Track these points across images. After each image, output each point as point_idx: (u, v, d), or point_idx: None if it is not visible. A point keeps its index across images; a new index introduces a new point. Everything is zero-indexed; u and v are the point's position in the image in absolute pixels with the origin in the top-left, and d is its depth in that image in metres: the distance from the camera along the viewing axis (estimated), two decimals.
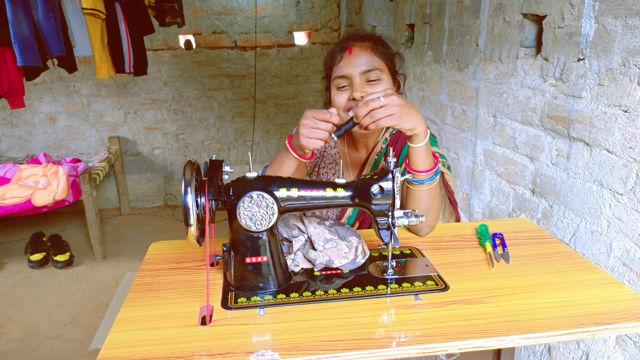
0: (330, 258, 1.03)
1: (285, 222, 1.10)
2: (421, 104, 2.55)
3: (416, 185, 1.11)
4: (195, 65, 3.94)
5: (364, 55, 1.19)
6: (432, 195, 1.14)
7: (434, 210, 1.17)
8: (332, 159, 1.37)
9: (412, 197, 1.14)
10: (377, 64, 1.20)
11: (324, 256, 1.03)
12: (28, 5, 2.12)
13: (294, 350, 0.79)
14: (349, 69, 1.19)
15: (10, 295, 2.79)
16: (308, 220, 1.09)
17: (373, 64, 1.19)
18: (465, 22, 1.99)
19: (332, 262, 1.03)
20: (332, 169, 1.36)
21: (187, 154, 4.17)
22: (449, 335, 0.82)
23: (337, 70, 1.21)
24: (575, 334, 0.83)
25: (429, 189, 1.12)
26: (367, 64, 1.19)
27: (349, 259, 1.04)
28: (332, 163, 1.37)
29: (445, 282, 0.99)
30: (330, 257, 1.03)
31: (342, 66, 1.20)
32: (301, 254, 1.06)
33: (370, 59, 1.20)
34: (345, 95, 1.21)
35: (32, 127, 3.86)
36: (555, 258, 1.09)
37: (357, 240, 1.06)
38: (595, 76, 1.28)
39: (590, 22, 1.29)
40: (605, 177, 1.27)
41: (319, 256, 1.03)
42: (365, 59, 1.19)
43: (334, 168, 1.36)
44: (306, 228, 1.07)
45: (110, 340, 0.82)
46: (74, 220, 3.90)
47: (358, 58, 1.19)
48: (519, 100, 1.64)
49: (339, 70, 1.20)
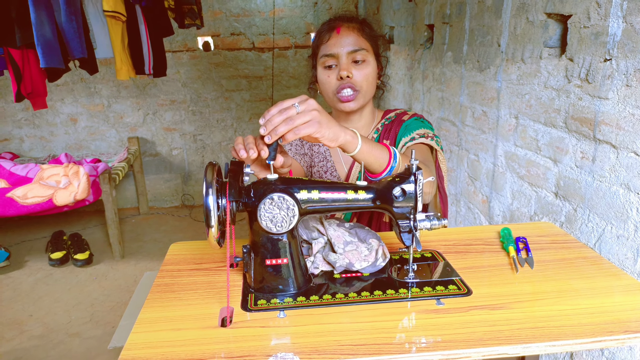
0: (351, 261, 1.02)
1: (305, 224, 1.09)
2: (440, 105, 2.52)
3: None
4: (214, 66, 3.97)
5: (352, 35, 1.22)
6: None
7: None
8: (322, 156, 1.37)
9: None
10: (363, 44, 1.23)
11: (344, 259, 1.02)
12: (51, 8, 2.15)
13: (314, 354, 0.78)
14: (336, 48, 1.21)
15: (31, 292, 2.84)
16: (328, 223, 1.08)
17: (360, 44, 1.22)
18: (487, 22, 1.96)
19: (352, 265, 1.02)
20: (324, 166, 1.36)
21: (204, 154, 4.19)
22: (473, 342, 0.80)
23: (325, 49, 1.23)
24: (604, 342, 0.81)
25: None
26: (354, 44, 1.21)
27: (369, 262, 1.03)
28: (322, 161, 1.37)
29: (468, 286, 0.97)
30: (350, 259, 1.02)
31: (329, 45, 1.22)
32: (321, 256, 1.06)
33: (357, 39, 1.22)
34: (333, 76, 1.23)
35: (54, 127, 3.92)
36: (580, 263, 1.07)
37: (377, 243, 1.05)
38: (623, 77, 1.25)
39: (618, 21, 1.26)
40: (633, 180, 1.24)
41: (339, 259, 1.03)
42: (352, 39, 1.22)
43: (326, 165, 1.36)
44: (326, 230, 1.07)
45: (132, 341, 0.82)
46: (94, 219, 3.96)
47: (346, 38, 1.21)
48: (542, 102, 1.61)
49: (326, 49, 1.23)
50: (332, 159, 1.35)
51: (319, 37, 1.26)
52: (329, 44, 1.23)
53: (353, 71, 1.22)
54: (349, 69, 1.21)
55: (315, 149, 1.38)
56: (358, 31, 1.24)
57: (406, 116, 1.35)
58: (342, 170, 1.36)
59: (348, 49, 1.21)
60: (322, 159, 1.37)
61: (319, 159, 1.37)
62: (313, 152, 1.38)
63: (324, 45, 1.24)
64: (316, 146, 1.38)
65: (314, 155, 1.38)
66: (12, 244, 3.48)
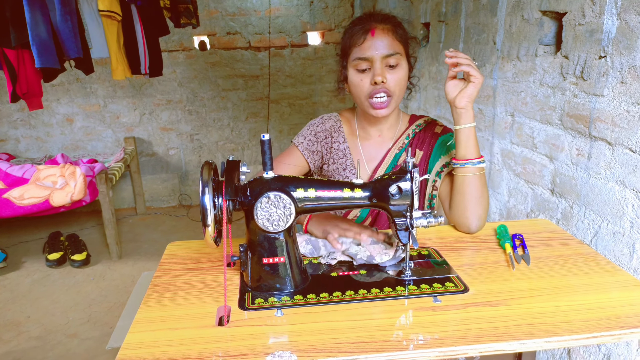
0: (372, 254, 1.05)
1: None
2: (437, 103, 2.53)
3: (468, 171, 1.15)
4: (210, 66, 3.96)
5: (386, 38, 1.18)
6: (483, 182, 1.17)
7: (484, 198, 1.17)
8: (342, 154, 1.34)
9: (464, 185, 1.16)
10: (397, 47, 1.20)
11: (365, 251, 1.06)
12: (46, 8, 2.14)
13: (312, 352, 0.78)
14: (371, 52, 1.18)
15: (28, 293, 2.83)
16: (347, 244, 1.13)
17: (394, 48, 1.19)
18: (482, 20, 1.97)
19: (372, 257, 1.05)
20: (343, 163, 1.34)
21: (201, 154, 4.19)
22: (469, 338, 0.80)
23: (358, 52, 1.19)
24: (600, 338, 0.81)
25: (479, 174, 1.16)
26: (388, 48, 1.18)
27: (389, 256, 1.05)
28: (342, 158, 1.34)
29: (465, 283, 0.97)
30: (371, 252, 1.05)
31: (364, 48, 1.18)
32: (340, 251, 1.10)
33: (392, 43, 1.19)
34: (366, 80, 1.20)
35: (50, 128, 3.91)
36: (576, 259, 1.07)
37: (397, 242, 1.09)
38: (618, 74, 1.25)
39: (613, 18, 1.26)
40: (628, 176, 1.25)
41: (360, 251, 1.06)
42: (387, 42, 1.18)
43: (345, 163, 1.33)
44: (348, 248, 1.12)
45: (129, 341, 0.82)
46: (91, 220, 3.95)
47: (380, 41, 1.18)
48: (538, 99, 1.61)
49: (360, 52, 1.19)
50: (351, 157, 1.33)
51: (352, 38, 1.21)
52: (363, 47, 1.18)
53: (387, 76, 1.18)
54: (383, 74, 1.18)
55: (336, 146, 1.34)
56: (392, 33, 1.20)
57: (438, 128, 1.32)
58: (363, 169, 1.33)
59: (382, 53, 1.17)
60: (341, 156, 1.34)
61: (338, 156, 1.34)
62: (331, 149, 1.34)
63: (357, 48, 1.20)
64: (336, 143, 1.34)
65: (332, 152, 1.34)
66: (9, 245, 3.47)
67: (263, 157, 0.93)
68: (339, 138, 1.35)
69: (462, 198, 1.17)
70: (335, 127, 1.36)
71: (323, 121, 1.37)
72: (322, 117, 1.39)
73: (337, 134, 1.35)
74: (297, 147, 1.35)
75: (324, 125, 1.36)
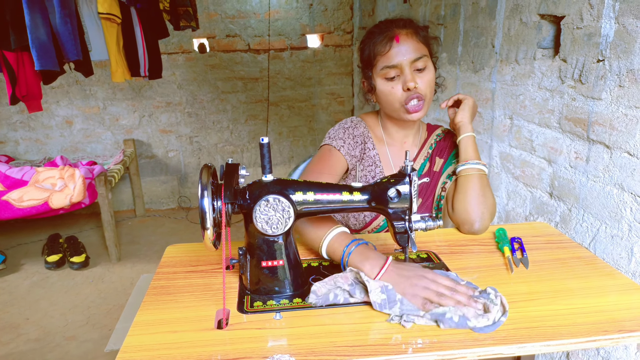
0: (465, 315, 0.84)
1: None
2: (436, 106, 2.53)
3: (468, 171, 1.21)
4: (209, 68, 3.96)
5: (411, 42, 1.18)
6: (484, 183, 1.20)
7: (488, 199, 1.20)
8: (372, 160, 1.31)
9: (465, 184, 1.20)
10: (423, 50, 1.19)
11: (457, 311, 0.85)
12: (45, 11, 2.15)
13: (311, 355, 0.78)
14: (398, 58, 1.17)
15: (27, 296, 2.83)
16: None
17: (420, 51, 1.18)
18: (481, 23, 1.97)
19: (466, 320, 0.84)
20: (372, 170, 1.31)
21: (200, 156, 4.19)
22: (468, 342, 0.80)
23: (386, 60, 1.18)
24: (598, 341, 0.81)
25: (479, 174, 1.19)
26: (415, 52, 1.17)
27: (488, 320, 0.84)
28: (371, 165, 1.31)
29: None
30: (465, 313, 0.85)
31: (390, 56, 1.17)
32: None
33: (417, 46, 1.18)
34: (397, 87, 1.19)
35: (49, 130, 3.91)
36: (575, 263, 1.07)
37: (494, 292, 0.89)
38: (616, 77, 1.26)
39: (610, 22, 1.27)
40: (626, 180, 1.25)
41: (450, 310, 0.85)
42: (412, 46, 1.17)
43: (374, 170, 1.31)
44: None
45: (128, 343, 0.82)
46: (90, 222, 3.94)
47: (406, 46, 1.17)
48: (537, 102, 1.62)
49: (387, 60, 1.17)
50: (381, 165, 1.31)
51: (376, 47, 1.19)
52: (389, 55, 1.17)
53: (417, 80, 1.18)
54: (414, 79, 1.17)
55: (367, 152, 1.31)
56: (416, 36, 1.19)
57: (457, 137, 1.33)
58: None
59: (410, 58, 1.16)
60: (370, 163, 1.31)
61: (368, 162, 1.31)
62: (364, 155, 1.31)
63: (383, 57, 1.18)
64: (367, 149, 1.31)
65: (364, 159, 1.31)
66: (7, 247, 3.46)
67: (262, 160, 0.93)
68: (369, 144, 1.32)
69: (464, 197, 1.20)
70: (365, 132, 1.32)
71: (355, 125, 1.32)
72: (352, 120, 1.34)
73: (368, 140, 1.32)
74: (338, 150, 1.26)
75: (358, 130, 1.31)
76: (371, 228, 1.32)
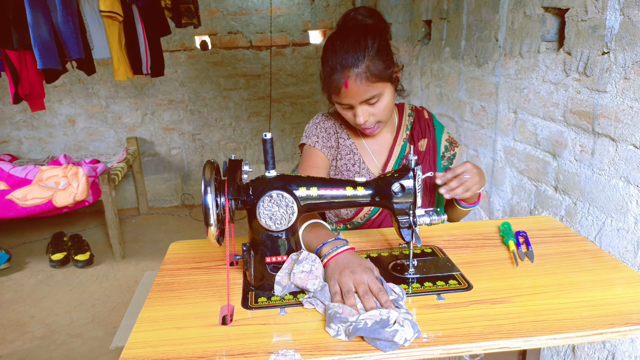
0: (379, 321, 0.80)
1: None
2: (439, 101, 2.52)
3: (464, 209, 1.31)
4: (211, 65, 3.96)
5: (360, 86, 1.13)
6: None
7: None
8: (349, 149, 1.33)
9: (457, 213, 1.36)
10: (374, 89, 1.15)
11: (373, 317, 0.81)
12: (47, 10, 2.15)
13: (315, 350, 0.78)
14: (348, 100, 1.16)
15: (32, 294, 2.84)
16: None
17: (370, 92, 1.15)
18: (484, 17, 1.96)
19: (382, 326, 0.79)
20: (351, 159, 1.33)
21: (203, 153, 4.19)
22: (474, 336, 0.80)
23: (337, 99, 1.18)
24: (604, 335, 0.81)
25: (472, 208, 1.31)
26: (365, 94, 1.15)
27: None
28: (349, 154, 1.33)
29: (468, 281, 0.97)
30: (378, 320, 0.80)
31: (341, 97, 1.16)
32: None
33: (367, 89, 1.14)
34: (352, 116, 1.21)
35: (52, 129, 3.92)
36: (580, 256, 1.07)
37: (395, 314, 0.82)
38: (621, 70, 1.25)
39: (615, 14, 1.25)
40: (632, 173, 1.24)
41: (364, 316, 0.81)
42: (362, 89, 1.13)
43: (353, 158, 1.33)
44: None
45: (133, 340, 0.82)
46: (94, 220, 3.95)
47: (356, 90, 1.13)
48: (541, 96, 1.61)
49: (339, 99, 1.18)
50: (359, 152, 1.33)
51: (329, 86, 1.18)
52: (340, 97, 1.17)
53: (370, 111, 1.18)
54: (365, 115, 1.18)
55: (342, 142, 1.34)
56: (366, 76, 1.12)
57: (425, 113, 1.40)
58: (372, 163, 1.34)
59: (360, 99, 1.15)
60: (348, 152, 1.33)
61: (345, 152, 1.33)
62: (339, 145, 1.34)
63: (335, 96, 1.18)
64: (342, 139, 1.34)
65: (340, 148, 1.34)
66: (12, 246, 3.48)
67: (265, 156, 0.93)
68: (343, 134, 1.35)
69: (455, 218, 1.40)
70: (337, 124, 1.35)
71: (325, 118, 1.36)
72: (322, 114, 1.38)
73: (341, 131, 1.35)
74: (314, 147, 1.30)
75: (328, 122, 1.35)
76: (363, 215, 1.33)
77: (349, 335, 0.79)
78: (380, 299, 0.85)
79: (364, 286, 0.87)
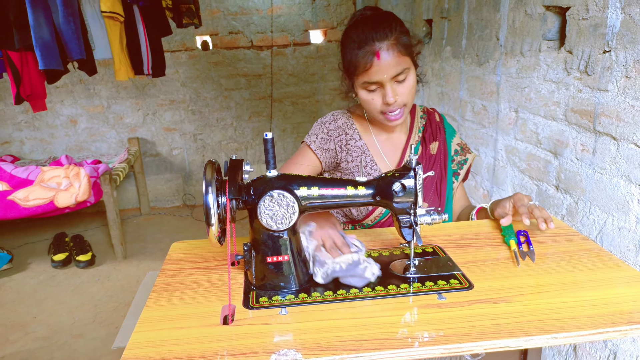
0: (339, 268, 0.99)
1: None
2: (440, 100, 2.52)
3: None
4: (212, 65, 3.96)
5: (393, 57, 1.14)
6: None
7: None
8: (360, 151, 1.32)
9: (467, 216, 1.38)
10: (404, 62, 1.17)
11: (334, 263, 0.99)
12: (49, 10, 2.15)
13: (317, 350, 0.78)
14: (379, 76, 1.15)
15: (34, 294, 2.85)
16: None
17: (402, 65, 1.16)
18: (485, 15, 1.96)
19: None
20: (363, 160, 1.32)
21: (205, 154, 4.19)
22: (475, 335, 0.80)
23: (366, 76, 1.17)
24: (606, 334, 0.81)
25: None
26: (396, 67, 1.15)
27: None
28: (360, 155, 1.32)
29: (470, 280, 0.97)
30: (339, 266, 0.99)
31: (371, 73, 1.15)
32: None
33: (398, 60, 1.15)
34: (377, 98, 1.20)
35: (54, 129, 3.92)
36: (582, 255, 1.07)
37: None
38: (622, 68, 1.25)
39: (617, 12, 1.25)
40: (634, 172, 1.24)
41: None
42: (394, 62, 1.15)
43: (365, 160, 1.31)
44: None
45: (134, 340, 0.82)
46: (96, 220, 3.96)
47: (387, 62, 1.14)
48: (542, 95, 1.60)
49: (368, 76, 1.16)
50: (370, 153, 1.32)
51: (357, 61, 1.16)
52: (370, 72, 1.15)
53: (398, 91, 1.18)
54: (394, 93, 1.17)
55: (352, 143, 1.32)
56: (397, 48, 1.15)
57: (437, 116, 1.41)
58: (383, 164, 1.33)
59: (391, 74, 1.15)
60: (360, 153, 1.32)
61: (356, 153, 1.32)
62: (348, 146, 1.32)
63: (364, 73, 1.16)
64: (352, 140, 1.32)
65: (349, 150, 1.32)
66: (14, 247, 3.49)
67: (266, 156, 0.93)
68: (354, 135, 1.33)
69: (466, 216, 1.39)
70: (348, 124, 1.33)
71: (334, 118, 1.34)
72: (333, 114, 1.36)
73: (352, 131, 1.33)
74: (310, 146, 1.31)
75: (336, 122, 1.33)
76: (374, 217, 1.32)
77: (326, 278, 0.97)
78: (344, 251, 1.04)
79: (330, 241, 1.06)
